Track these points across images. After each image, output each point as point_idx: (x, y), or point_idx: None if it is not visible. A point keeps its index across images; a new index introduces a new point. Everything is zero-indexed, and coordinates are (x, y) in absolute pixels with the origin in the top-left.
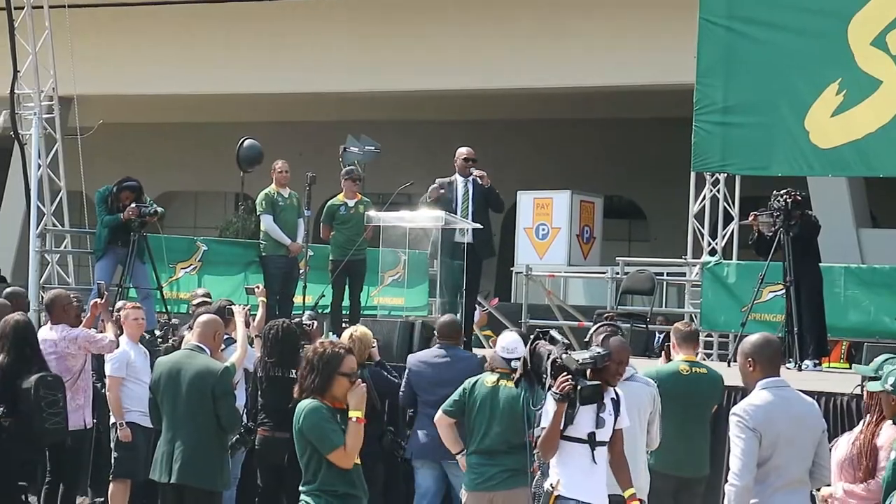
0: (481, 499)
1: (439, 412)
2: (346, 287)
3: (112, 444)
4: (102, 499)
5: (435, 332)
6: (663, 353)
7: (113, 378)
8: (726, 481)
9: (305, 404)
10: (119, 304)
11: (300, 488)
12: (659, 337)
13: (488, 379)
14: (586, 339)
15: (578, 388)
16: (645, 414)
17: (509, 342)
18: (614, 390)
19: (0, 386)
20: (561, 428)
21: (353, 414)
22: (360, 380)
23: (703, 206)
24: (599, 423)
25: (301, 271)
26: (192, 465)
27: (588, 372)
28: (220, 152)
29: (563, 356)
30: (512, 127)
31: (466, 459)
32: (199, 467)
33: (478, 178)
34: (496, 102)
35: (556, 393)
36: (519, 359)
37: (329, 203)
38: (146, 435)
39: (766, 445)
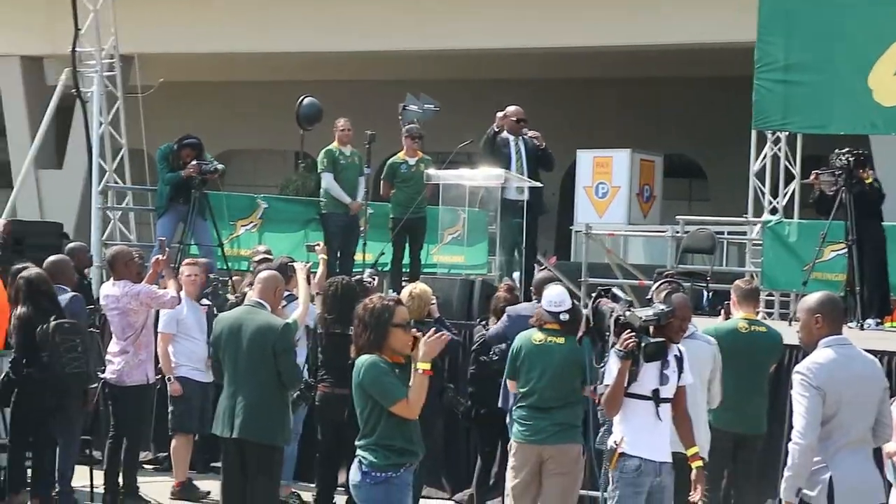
0: (531, 452)
1: (507, 378)
2: (406, 245)
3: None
4: (165, 453)
5: (532, 288)
6: (723, 310)
7: (163, 334)
8: (788, 440)
9: (364, 360)
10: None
11: (356, 443)
12: (708, 295)
13: (536, 336)
14: (648, 297)
15: (642, 345)
16: (705, 371)
17: (555, 295)
18: (677, 347)
19: (21, 336)
20: (625, 385)
21: (421, 366)
22: (442, 331)
23: (764, 164)
24: (663, 379)
25: (361, 229)
26: (254, 420)
27: (651, 329)
28: (280, 111)
29: (627, 313)
30: (572, 86)
31: (516, 413)
32: (260, 422)
33: (534, 140)
34: (555, 61)
35: (620, 350)
36: (566, 311)
37: (390, 160)
38: (201, 389)
39: (830, 404)
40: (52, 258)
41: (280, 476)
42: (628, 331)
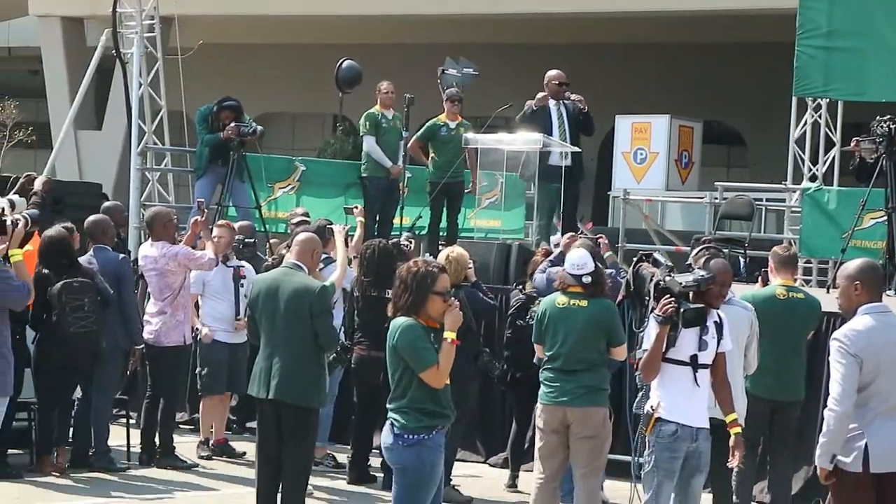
0: (555, 413)
1: (535, 342)
2: (444, 209)
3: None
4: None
5: None
6: (760, 277)
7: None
8: (825, 406)
9: (400, 322)
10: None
11: (388, 405)
12: (745, 262)
13: (559, 300)
14: (687, 263)
15: (682, 310)
16: (742, 337)
17: (578, 258)
18: (717, 313)
19: (37, 295)
20: (662, 350)
21: (448, 335)
22: (455, 301)
23: (804, 131)
24: (702, 345)
25: (401, 193)
26: (290, 381)
27: (690, 295)
28: (319, 74)
29: (667, 278)
30: (611, 51)
31: (542, 375)
32: (296, 384)
33: (578, 103)
34: (594, 26)
35: (659, 315)
36: (589, 274)
37: (431, 122)
38: (229, 350)
39: (867, 371)
40: (92, 217)
41: (315, 438)
42: (668, 296)
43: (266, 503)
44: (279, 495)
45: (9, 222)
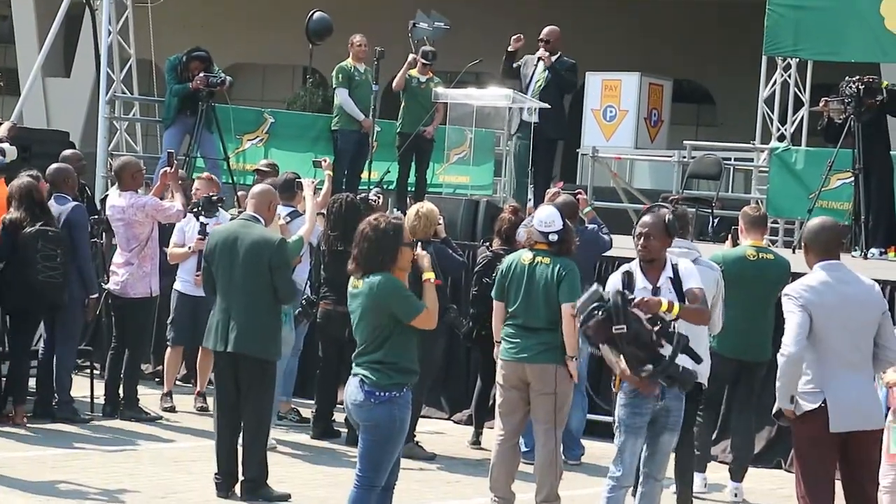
0: (514, 369)
1: (494, 299)
2: (413, 164)
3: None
4: (161, 367)
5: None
6: (730, 237)
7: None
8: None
9: (377, 278)
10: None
11: (355, 361)
12: (714, 221)
13: (525, 257)
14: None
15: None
16: (708, 297)
17: (546, 215)
18: (670, 266)
19: (6, 240)
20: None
21: (428, 276)
22: (421, 249)
23: (774, 91)
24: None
25: (370, 147)
26: (248, 334)
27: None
28: (290, 25)
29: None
30: (582, 7)
31: (504, 331)
32: (254, 337)
33: (544, 60)
34: None
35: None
36: (556, 232)
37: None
38: (192, 303)
39: (819, 325)
40: (54, 166)
41: (273, 389)
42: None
43: (226, 454)
44: (240, 447)
45: None
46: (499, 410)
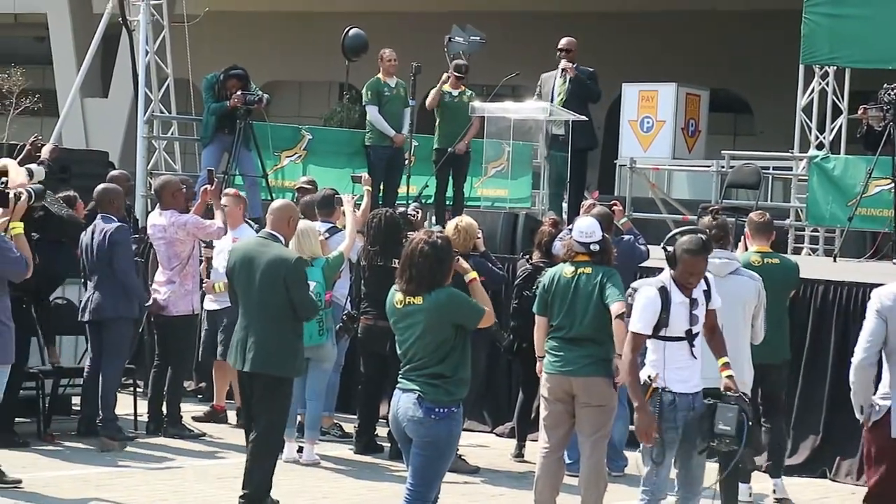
0: (560, 382)
1: (536, 313)
2: (450, 178)
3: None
4: (205, 383)
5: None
6: (740, 243)
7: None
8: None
9: (443, 293)
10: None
11: (408, 376)
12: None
13: (566, 270)
14: (664, 244)
15: None
16: (750, 308)
17: (586, 226)
18: (704, 280)
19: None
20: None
21: (472, 276)
22: (458, 257)
23: (812, 99)
24: (693, 320)
25: (406, 162)
26: (265, 353)
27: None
28: (326, 42)
29: None
30: (619, 19)
31: (548, 345)
32: (271, 356)
33: (568, 72)
34: None
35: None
36: (597, 242)
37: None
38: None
39: (892, 332)
40: (101, 186)
41: (288, 407)
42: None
43: None
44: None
45: (11, 195)
46: (544, 424)
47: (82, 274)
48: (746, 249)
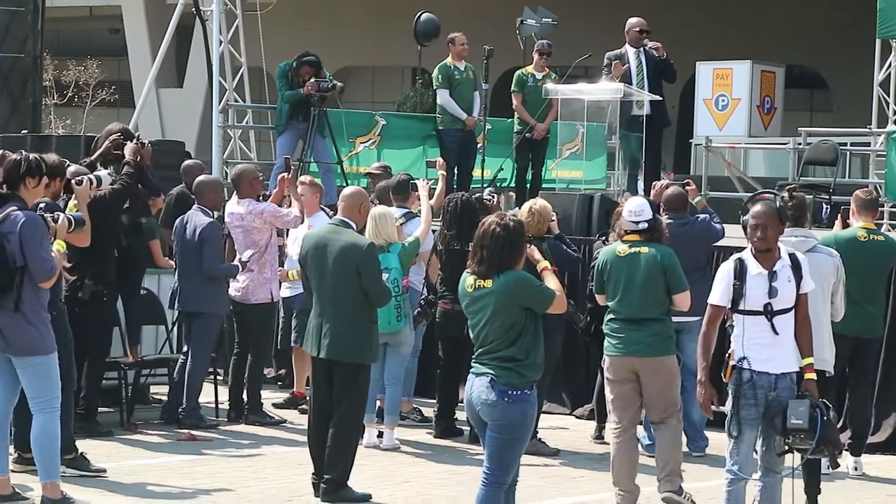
0: (624, 363)
1: (595, 293)
2: (530, 160)
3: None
4: (285, 370)
5: (661, 203)
6: (840, 217)
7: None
8: None
9: (512, 275)
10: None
11: (482, 360)
12: (826, 208)
13: (620, 249)
14: (740, 212)
15: None
16: (828, 284)
17: (636, 206)
18: (788, 255)
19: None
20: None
21: (544, 264)
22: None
23: (889, 74)
24: (772, 292)
25: (479, 145)
26: (340, 340)
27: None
28: (398, 26)
29: None
30: None
31: (607, 327)
32: (346, 342)
33: (654, 50)
34: None
35: None
36: (646, 221)
37: (518, 72)
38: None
39: None
40: (199, 178)
41: (366, 392)
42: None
43: (321, 456)
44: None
45: (56, 222)
46: (613, 405)
47: (174, 262)
48: (845, 226)
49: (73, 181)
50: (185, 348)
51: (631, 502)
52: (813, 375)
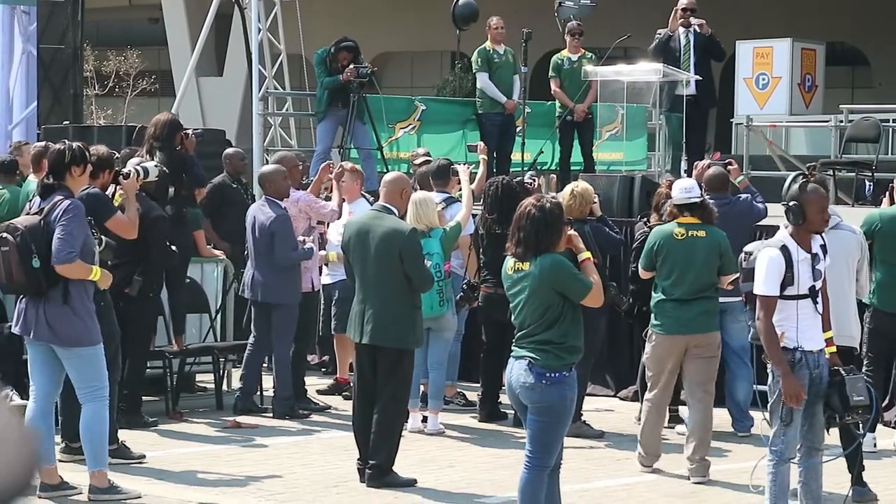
0: (677, 342)
1: (642, 268)
2: (575, 142)
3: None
4: (328, 357)
5: (703, 184)
6: (887, 195)
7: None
8: None
9: (549, 258)
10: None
11: (520, 343)
12: (869, 185)
13: (677, 231)
14: (784, 193)
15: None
16: (853, 261)
17: (686, 186)
18: (820, 236)
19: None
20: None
21: (585, 255)
22: (569, 227)
23: None
24: (816, 275)
25: (518, 128)
26: (383, 326)
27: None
28: (436, 11)
29: None
30: None
31: (657, 305)
32: (390, 328)
33: (697, 28)
34: None
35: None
36: (697, 197)
37: (554, 58)
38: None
39: None
40: (266, 168)
41: (410, 377)
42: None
43: (365, 441)
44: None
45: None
46: (651, 380)
47: (245, 248)
48: (892, 203)
49: (120, 174)
50: (252, 337)
51: (652, 461)
52: (834, 349)
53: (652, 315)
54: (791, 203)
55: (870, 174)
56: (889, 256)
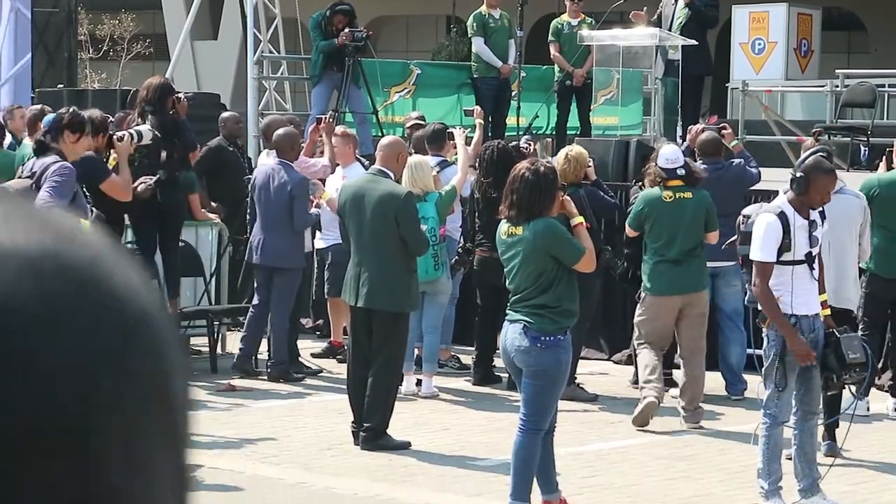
0: (671, 302)
1: (630, 226)
2: (573, 107)
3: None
4: (322, 320)
5: (696, 149)
6: (884, 158)
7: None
8: None
9: (542, 223)
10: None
11: (514, 307)
12: (865, 150)
13: (665, 194)
14: (798, 163)
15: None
16: (856, 225)
17: (670, 153)
18: None
19: None
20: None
21: (578, 220)
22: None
23: None
24: (813, 242)
25: (514, 93)
26: (379, 289)
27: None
28: None
29: None
30: None
31: (649, 267)
32: (385, 291)
33: None
34: None
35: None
36: (682, 167)
37: (553, 22)
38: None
39: None
40: (281, 130)
41: (405, 341)
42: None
43: (360, 405)
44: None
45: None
46: (647, 340)
47: (249, 213)
48: (889, 168)
49: (114, 137)
50: (254, 300)
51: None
52: (828, 312)
53: (644, 278)
54: (799, 174)
55: (865, 139)
56: (887, 221)
